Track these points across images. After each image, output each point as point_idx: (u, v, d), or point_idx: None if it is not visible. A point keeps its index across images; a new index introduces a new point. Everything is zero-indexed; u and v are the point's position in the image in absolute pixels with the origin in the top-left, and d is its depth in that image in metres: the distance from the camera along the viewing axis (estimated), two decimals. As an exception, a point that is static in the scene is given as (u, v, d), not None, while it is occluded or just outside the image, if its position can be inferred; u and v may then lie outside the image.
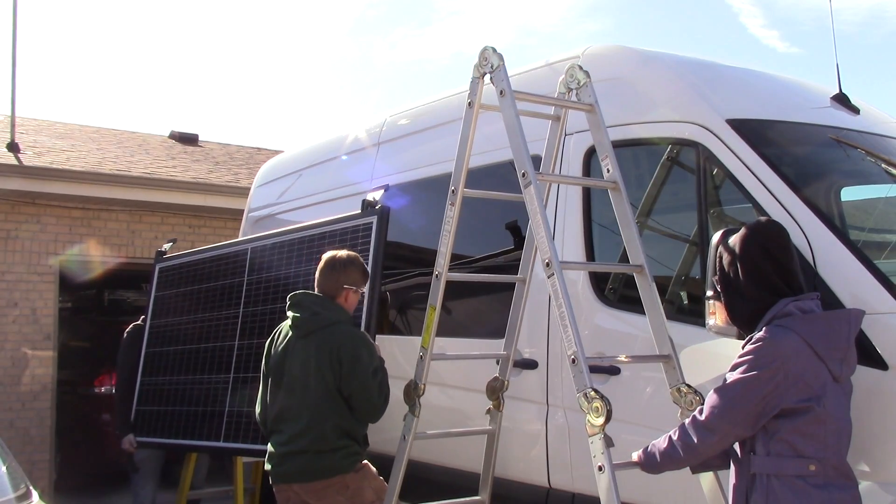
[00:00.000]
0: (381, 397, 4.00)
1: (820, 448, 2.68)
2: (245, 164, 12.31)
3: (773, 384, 2.66)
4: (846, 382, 2.78)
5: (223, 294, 5.72)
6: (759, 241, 2.87)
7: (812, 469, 2.66)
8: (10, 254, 9.18)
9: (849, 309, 2.92)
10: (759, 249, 2.86)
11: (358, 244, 4.67)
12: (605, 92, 3.71)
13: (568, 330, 3.08)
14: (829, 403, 2.68)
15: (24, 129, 10.79)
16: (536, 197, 3.30)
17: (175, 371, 5.99)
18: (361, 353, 3.98)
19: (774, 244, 2.87)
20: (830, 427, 2.68)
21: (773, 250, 2.86)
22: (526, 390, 4.16)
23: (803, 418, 2.67)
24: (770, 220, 3.03)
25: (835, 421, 2.69)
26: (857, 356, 2.82)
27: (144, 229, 10.00)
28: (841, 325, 2.76)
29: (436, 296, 3.76)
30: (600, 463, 2.94)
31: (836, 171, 3.99)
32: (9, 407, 9.02)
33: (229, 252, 5.87)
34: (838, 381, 2.72)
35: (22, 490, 4.18)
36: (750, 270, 2.86)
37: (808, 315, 2.76)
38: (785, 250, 2.87)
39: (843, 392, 2.76)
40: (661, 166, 3.88)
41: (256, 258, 5.53)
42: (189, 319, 6.03)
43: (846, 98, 4.24)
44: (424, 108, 5.50)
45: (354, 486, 4.02)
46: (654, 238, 4.07)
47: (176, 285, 6.36)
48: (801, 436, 2.68)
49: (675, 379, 3.28)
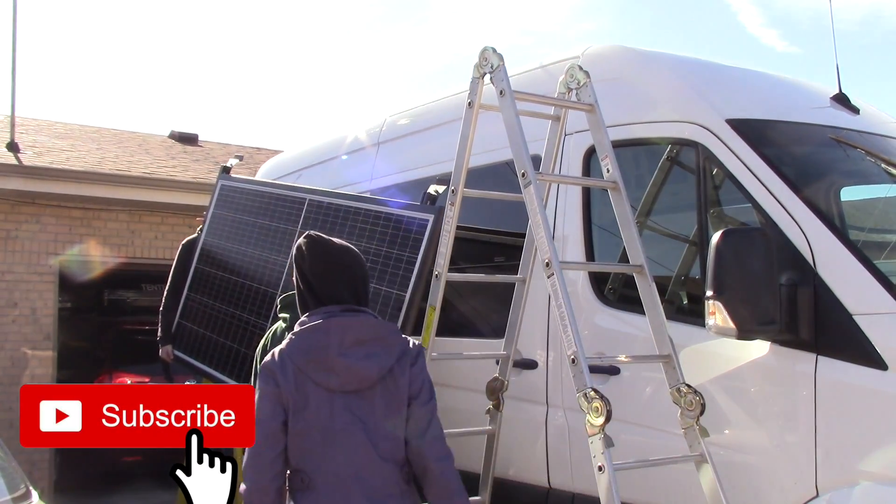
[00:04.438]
0: None
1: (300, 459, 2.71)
2: (245, 164, 12.30)
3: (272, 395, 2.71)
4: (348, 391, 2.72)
5: (275, 237, 5.55)
6: (294, 257, 2.96)
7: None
8: (10, 254, 9.18)
9: (331, 320, 2.79)
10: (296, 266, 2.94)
11: (411, 236, 4.43)
12: (604, 92, 3.71)
13: (568, 330, 3.08)
14: (310, 414, 2.67)
15: (23, 128, 10.79)
16: (536, 197, 3.30)
17: (219, 297, 5.86)
18: None
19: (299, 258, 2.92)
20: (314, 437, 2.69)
21: (300, 265, 2.91)
22: (526, 390, 4.15)
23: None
24: (305, 235, 2.99)
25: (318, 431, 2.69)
26: (857, 356, 2.82)
27: (144, 229, 10.00)
28: (320, 337, 2.74)
29: (435, 296, 3.76)
30: (600, 463, 2.94)
31: (836, 171, 3.99)
32: (9, 407, 9.01)
33: (288, 196, 5.64)
34: (332, 391, 2.69)
35: (22, 490, 4.18)
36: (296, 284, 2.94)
37: (303, 329, 2.78)
38: (312, 262, 2.89)
39: (334, 399, 2.70)
40: (661, 166, 3.87)
41: (312, 213, 5.32)
42: (240, 250, 5.85)
43: (846, 98, 4.24)
44: (424, 108, 5.50)
45: None
46: (654, 238, 4.07)
47: (234, 209, 6.19)
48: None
49: (675, 379, 3.28)
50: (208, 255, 6.26)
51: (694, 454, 3.21)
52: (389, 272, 4.41)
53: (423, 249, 4.29)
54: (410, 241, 4.39)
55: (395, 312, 4.29)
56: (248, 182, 6.39)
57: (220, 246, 6.14)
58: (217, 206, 6.38)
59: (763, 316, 3.06)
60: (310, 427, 2.68)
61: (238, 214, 6.10)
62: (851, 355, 3.02)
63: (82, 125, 13.32)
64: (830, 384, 3.05)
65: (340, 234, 4.91)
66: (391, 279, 4.38)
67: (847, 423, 3.04)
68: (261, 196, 5.96)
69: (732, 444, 3.33)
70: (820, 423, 3.06)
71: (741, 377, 3.33)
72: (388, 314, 4.33)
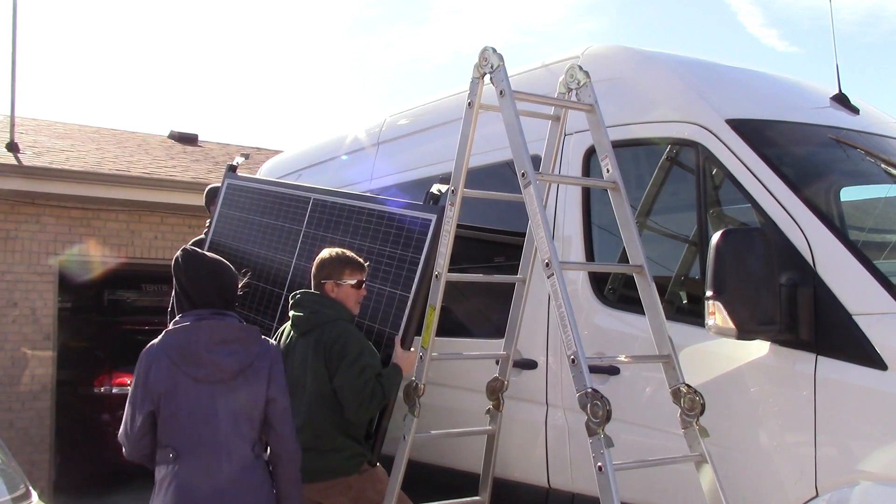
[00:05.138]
0: (362, 397, 3.88)
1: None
2: (245, 164, 12.29)
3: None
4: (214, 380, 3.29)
5: (281, 236, 5.52)
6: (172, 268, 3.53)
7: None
8: (10, 254, 9.18)
9: (201, 322, 3.34)
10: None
11: (414, 236, 4.39)
12: (604, 92, 3.71)
13: (568, 330, 3.08)
14: (180, 399, 3.23)
15: (23, 129, 10.78)
16: (536, 197, 3.30)
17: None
18: (349, 349, 3.95)
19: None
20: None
21: (178, 274, 3.50)
22: (526, 390, 4.15)
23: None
24: (182, 249, 3.57)
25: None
26: (857, 356, 2.82)
27: (144, 229, 10.00)
28: (191, 336, 3.29)
29: (435, 296, 3.76)
30: (600, 463, 2.94)
31: (836, 171, 3.99)
32: (9, 407, 9.02)
33: (294, 195, 5.60)
34: (199, 381, 3.25)
35: (21, 490, 4.18)
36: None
37: (177, 328, 3.35)
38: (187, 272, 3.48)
39: (201, 388, 3.25)
40: (661, 166, 3.87)
41: (317, 212, 5.28)
42: (246, 250, 5.82)
43: (846, 98, 4.24)
44: (424, 108, 5.50)
45: (358, 487, 4.01)
46: (654, 238, 4.07)
47: (240, 208, 6.15)
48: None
49: (675, 379, 3.28)
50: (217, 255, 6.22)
51: (694, 454, 3.21)
52: (393, 272, 4.40)
53: (427, 249, 4.27)
54: (413, 240, 4.38)
55: (398, 313, 4.26)
56: (253, 181, 6.35)
57: (227, 245, 6.09)
58: (224, 205, 6.35)
59: (763, 316, 3.06)
60: (179, 409, 3.21)
61: (244, 213, 6.08)
62: (851, 355, 3.02)
63: (82, 125, 13.32)
64: (830, 384, 3.05)
65: (344, 234, 4.90)
66: (395, 279, 4.37)
67: (847, 423, 3.04)
68: (266, 195, 5.92)
69: (732, 444, 3.33)
70: (820, 423, 3.06)
71: (741, 377, 3.33)
72: (391, 314, 4.31)
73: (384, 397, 3.97)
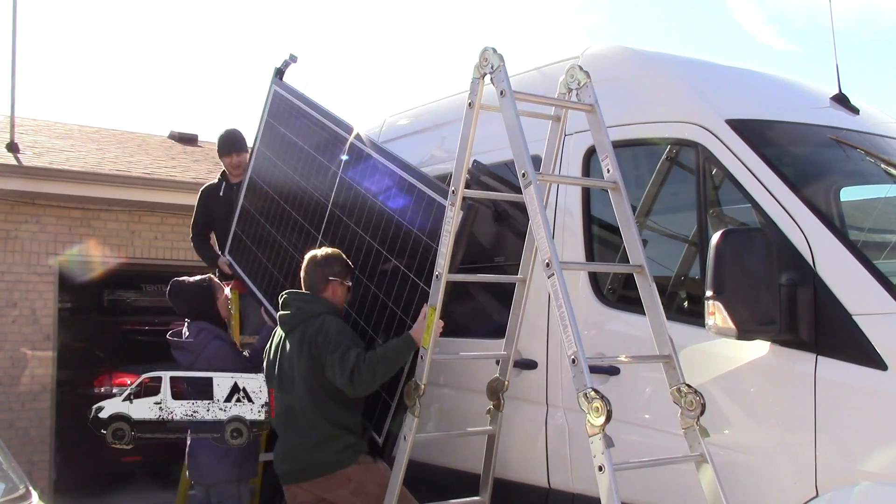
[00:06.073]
0: (349, 380, 3.86)
1: None
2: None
3: None
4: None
5: (318, 171, 5.18)
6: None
7: None
8: (10, 254, 9.17)
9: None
10: None
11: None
12: (604, 92, 3.71)
13: (568, 330, 3.08)
14: None
15: (23, 129, 10.77)
16: (536, 197, 3.30)
17: (268, 217, 5.65)
18: (330, 338, 3.97)
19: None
20: None
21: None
22: (526, 390, 4.15)
23: None
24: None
25: None
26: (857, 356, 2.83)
27: (144, 229, 9.99)
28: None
29: (436, 296, 3.76)
30: (600, 463, 2.94)
31: (836, 171, 3.99)
32: (8, 407, 9.01)
33: (334, 131, 5.21)
34: None
35: (21, 490, 4.18)
36: None
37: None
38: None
39: None
40: (661, 166, 3.87)
41: (353, 157, 4.95)
42: (287, 174, 5.48)
43: (846, 98, 4.24)
44: (424, 109, 5.50)
45: (357, 479, 4.04)
46: (654, 238, 4.08)
47: (284, 123, 5.74)
48: None
49: (675, 379, 3.28)
50: (261, 167, 5.92)
51: (694, 454, 3.22)
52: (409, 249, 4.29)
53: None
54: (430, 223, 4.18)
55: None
56: (298, 97, 5.77)
57: (271, 161, 5.79)
58: (270, 114, 5.95)
59: (763, 316, 3.06)
60: None
61: (287, 131, 5.71)
62: (851, 355, 3.02)
63: (82, 125, 13.30)
64: (830, 384, 3.06)
65: (367, 195, 4.67)
66: (410, 257, 4.26)
67: (847, 423, 3.04)
68: (309, 119, 5.54)
69: (732, 444, 3.33)
70: (820, 423, 3.06)
71: (741, 377, 3.33)
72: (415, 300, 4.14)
73: (374, 372, 3.87)
